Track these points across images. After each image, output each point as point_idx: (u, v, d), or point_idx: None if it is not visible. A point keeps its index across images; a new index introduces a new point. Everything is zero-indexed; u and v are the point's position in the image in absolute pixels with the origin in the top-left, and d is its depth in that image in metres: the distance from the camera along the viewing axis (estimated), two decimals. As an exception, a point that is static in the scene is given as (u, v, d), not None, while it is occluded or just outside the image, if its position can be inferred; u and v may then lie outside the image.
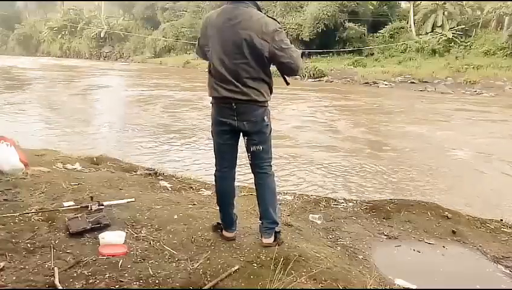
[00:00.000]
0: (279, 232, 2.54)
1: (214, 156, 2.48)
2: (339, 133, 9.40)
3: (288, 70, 2.33)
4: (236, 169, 2.53)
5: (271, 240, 2.47)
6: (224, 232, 2.54)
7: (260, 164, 2.42)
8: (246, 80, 2.21)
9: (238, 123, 2.29)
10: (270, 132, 2.40)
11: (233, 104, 2.25)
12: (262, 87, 2.28)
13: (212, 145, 2.48)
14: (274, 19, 2.26)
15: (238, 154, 2.48)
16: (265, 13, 2.35)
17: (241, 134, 2.38)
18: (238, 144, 2.43)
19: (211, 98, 2.38)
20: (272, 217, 2.46)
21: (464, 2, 27.26)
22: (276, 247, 2.43)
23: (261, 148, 2.36)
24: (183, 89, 17.12)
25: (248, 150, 2.40)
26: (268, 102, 2.37)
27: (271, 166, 2.46)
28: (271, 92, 2.37)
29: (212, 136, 2.44)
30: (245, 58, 2.19)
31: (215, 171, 2.50)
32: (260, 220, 2.51)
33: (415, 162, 7.11)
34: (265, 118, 2.33)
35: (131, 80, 22.54)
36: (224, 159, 2.45)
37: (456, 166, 6.92)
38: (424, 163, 7.01)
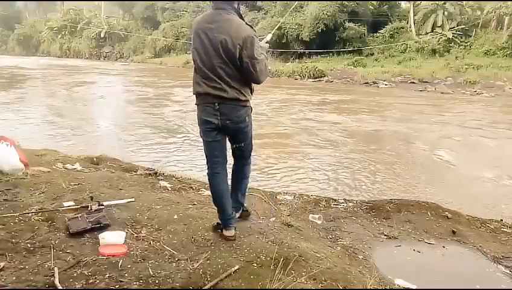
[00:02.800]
0: (247, 210, 2.93)
1: (205, 155, 2.59)
2: (338, 133, 9.39)
3: (248, 77, 2.43)
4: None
5: (236, 216, 2.72)
6: (224, 231, 2.58)
7: (242, 157, 2.68)
8: (227, 79, 2.37)
9: (221, 122, 2.44)
10: (251, 129, 2.60)
11: (216, 104, 2.40)
12: (242, 87, 2.43)
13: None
14: (251, 27, 2.43)
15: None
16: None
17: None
18: (226, 141, 2.58)
19: (192, 100, 2.54)
20: (239, 200, 2.76)
21: (464, 2, 27.25)
22: (276, 247, 2.44)
23: (242, 144, 2.60)
24: (181, 85, 17.17)
25: (231, 145, 2.64)
26: (250, 101, 2.51)
27: (250, 156, 2.72)
28: (252, 92, 2.52)
29: (201, 136, 2.56)
30: (222, 60, 2.35)
31: (207, 169, 2.59)
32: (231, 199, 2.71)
33: (409, 162, 7.12)
34: (246, 118, 2.50)
35: (129, 80, 22.53)
36: (214, 156, 2.55)
37: (445, 166, 6.93)
38: (418, 163, 7.02)
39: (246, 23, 2.42)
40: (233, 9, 2.40)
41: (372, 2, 29.67)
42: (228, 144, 2.64)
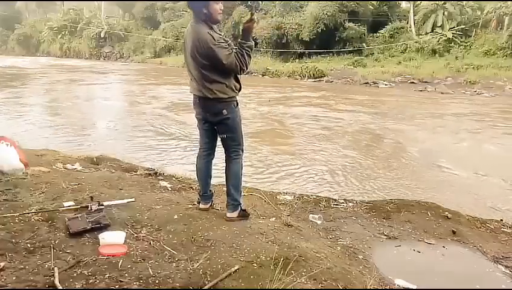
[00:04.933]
0: (245, 210, 3.01)
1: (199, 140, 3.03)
2: (337, 132, 9.40)
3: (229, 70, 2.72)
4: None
5: (234, 215, 2.91)
6: (201, 205, 3.06)
7: (229, 149, 2.89)
8: (203, 82, 2.71)
9: (204, 114, 2.84)
10: (235, 122, 2.82)
11: (198, 100, 2.81)
12: (217, 87, 2.69)
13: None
14: (211, 36, 2.58)
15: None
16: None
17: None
18: (215, 132, 2.90)
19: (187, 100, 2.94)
20: (233, 196, 2.91)
21: (464, 2, 27.24)
22: (276, 247, 2.44)
23: (225, 136, 2.85)
24: (179, 83, 17.22)
25: (219, 136, 2.91)
26: (233, 97, 2.76)
27: (238, 151, 2.90)
28: (233, 89, 2.76)
29: (197, 125, 2.99)
30: (195, 66, 2.70)
31: (198, 151, 3.03)
32: (227, 197, 2.95)
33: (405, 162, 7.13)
34: (224, 111, 2.74)
35: (128, 80, 22.58)
36: (204, 142, 2.98)
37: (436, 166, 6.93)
38: (417, 163, 7.03)
39: (208, 32, 2.60)
40: (200, 19, 2.64)
41: (372, 2, 29.63)
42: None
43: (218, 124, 2.82)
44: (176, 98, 14.05)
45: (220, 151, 3.03)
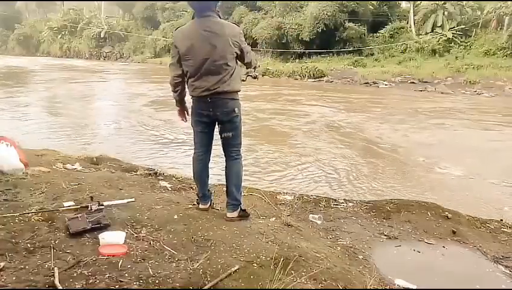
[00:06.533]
0: (245, 210, 2.99)
1: (193, 142, 2.94)
2: (336, 133, 9.40)
3: (248, 63, 2.89)
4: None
5: (234, 215, 2.89)
6: (200, 205, 3.04)
7: (230, 149, 2.87)
8: (223, 77, 2.64)
9: (213, 114, 2.74)
10: (240, 121, 2.85)
11: (209, 99, 2.69)
12: (235, 82, 2.71)
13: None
14: (235, 23, 2.80)
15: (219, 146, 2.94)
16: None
17: (217, 122, 2.82)
18: (213, 133, 2.89)
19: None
20: (234, 196, 2.89)
21: (464, 2, 27.25)
22: (276, 247, 2.44)
23: (230, 134, 2.82)
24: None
25: (221, 136, 2.85)
26: (238, 93, 2.79)
27: (239, 151, 2.91)
28: (241, 79, 2.83)
29: (192, 126, 2.89)
30: (222, 60, 2.62)
31: (193, 153, 2.96)
32: (227, 197, 2.93)
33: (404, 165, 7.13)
34: (235, 109, 2.76)
35: (128, 80, 22.60)
36: (201, 145, 2.91)
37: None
38: (418, 164, 7.03)
39: (231, 22, 2.80)
40: (215, 13, 2.68)
41: (372, 2, 29.65)
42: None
43: (225, 123, 2.78)
44: (168, 97, 14.11)
45: (216, 152, 3.02)
